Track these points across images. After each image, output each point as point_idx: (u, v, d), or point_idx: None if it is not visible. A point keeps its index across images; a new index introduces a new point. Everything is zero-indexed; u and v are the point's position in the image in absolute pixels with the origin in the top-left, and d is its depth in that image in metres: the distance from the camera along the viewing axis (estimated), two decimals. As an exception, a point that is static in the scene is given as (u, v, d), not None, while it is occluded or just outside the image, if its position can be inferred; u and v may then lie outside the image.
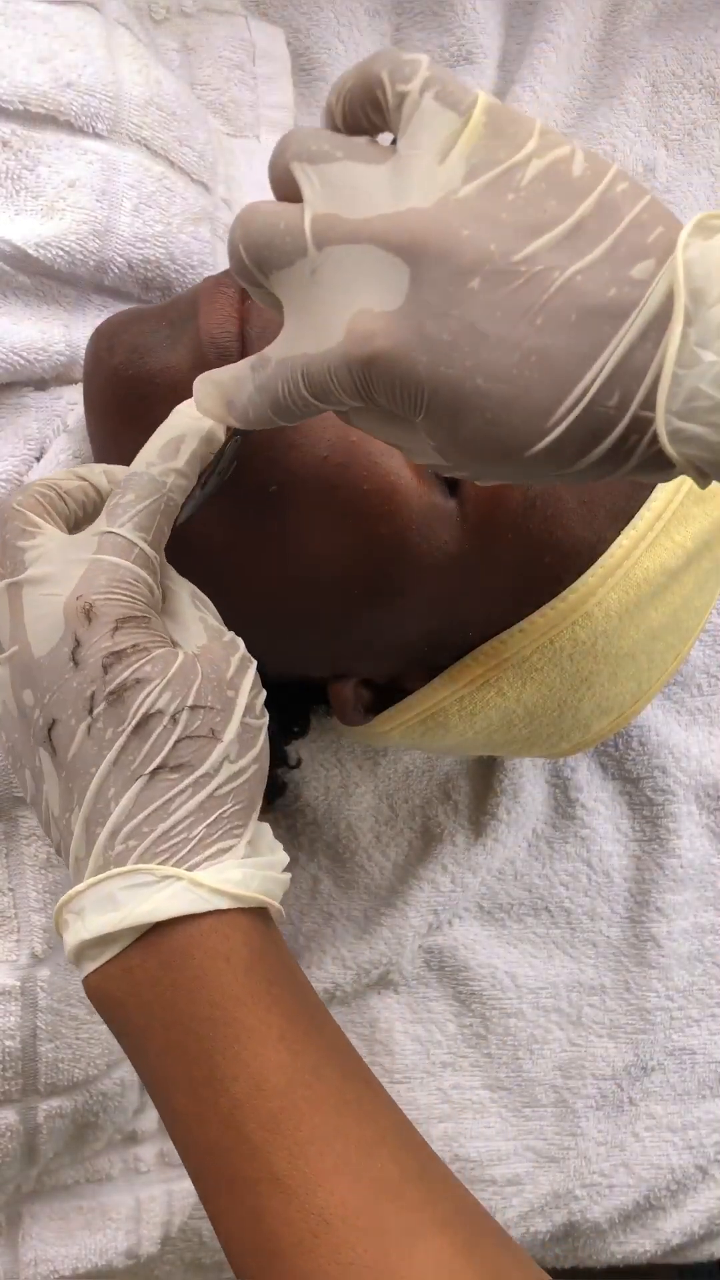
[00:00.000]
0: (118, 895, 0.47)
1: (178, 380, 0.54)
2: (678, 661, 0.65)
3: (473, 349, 0.40)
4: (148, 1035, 0.48)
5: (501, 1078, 0.80)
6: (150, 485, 0.50)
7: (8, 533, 0.50)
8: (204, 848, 0.48)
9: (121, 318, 0.59)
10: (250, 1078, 0.46)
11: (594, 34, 0.82)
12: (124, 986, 0.48)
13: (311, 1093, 0.47)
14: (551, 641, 0.58)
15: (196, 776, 0.48)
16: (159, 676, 0.47)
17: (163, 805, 0.47)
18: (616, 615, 0.58)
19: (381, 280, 0.41)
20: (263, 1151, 0.46)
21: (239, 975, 0.47)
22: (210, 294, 0.55)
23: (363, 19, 0.80)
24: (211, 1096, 0.46)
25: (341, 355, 0.41)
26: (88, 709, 0.47)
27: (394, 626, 0.58)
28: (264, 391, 0.45)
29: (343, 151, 0.43)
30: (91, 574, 0.48)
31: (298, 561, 0.55)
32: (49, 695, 0.48)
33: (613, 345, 0.39)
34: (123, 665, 0.47)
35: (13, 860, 0.62)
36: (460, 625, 0.58)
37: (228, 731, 0.48)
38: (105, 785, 0.47)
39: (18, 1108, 0.63)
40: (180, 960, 0.47)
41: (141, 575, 0.49)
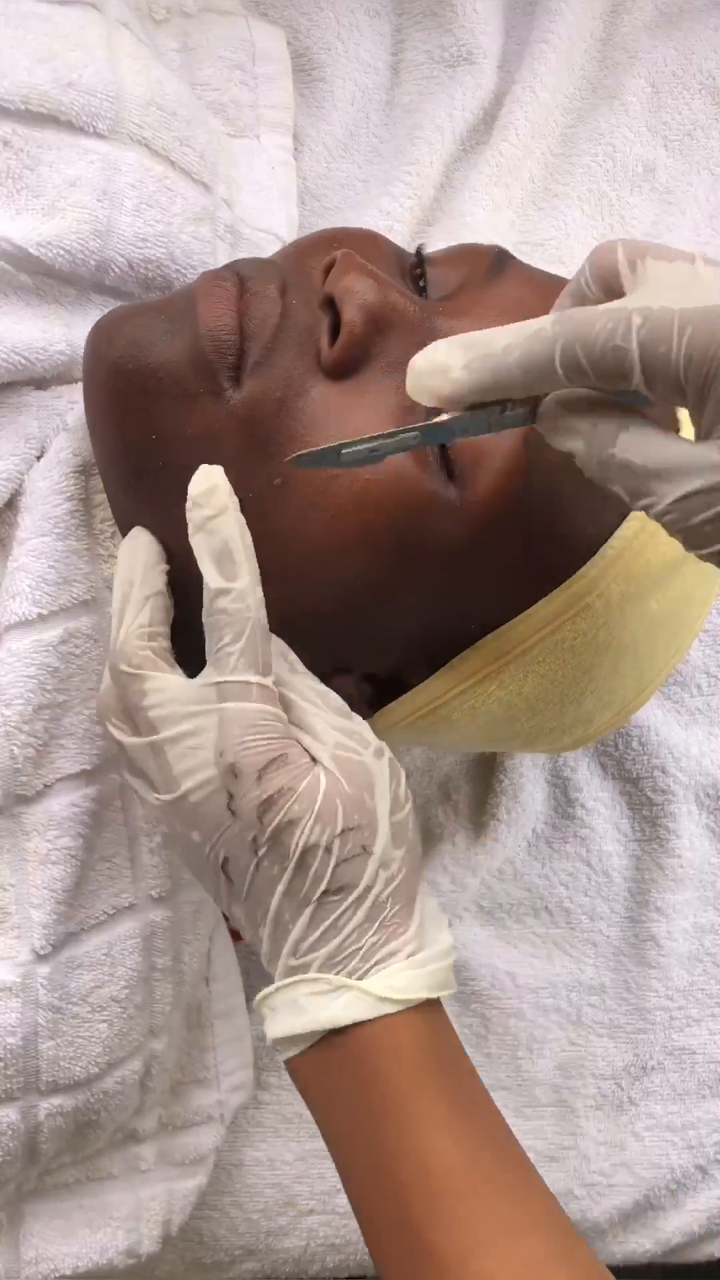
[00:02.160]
0: (301, 1000, 0.54)
1: (177, 375, 0.55)
2: (679, 655, 0.65)
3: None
4: (330, 1120, 0.55)
5: (501, 1077, 0.80)
6: (240, 621, 0.53)
7: (130, 696, 0.55)
8: (372, 954, 0.54)
9: (120, 312, 0.59)
10: (413, 1162, 0.52)
11: (594, 34, 0.82)
12: (313, 1075, 0.55)
13: (469, 1176, 0.52)
14: (553, 633, 0.58)
15: (358, 893, 0.54)
16: (308, 813, 0.53)
17: (332, 924, 0.54)
18: (618, 606, 0.58)
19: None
20: (422, 1228, 0.51)
21: (405, 1070, 0.53)
22: (208, 288, 0.56)
23: (363, 19, 0.81)
24: (381, 1176, 0.53)
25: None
26: (253, 851, 0.54)
27: (395, 618, 0.58)
28: (573, 322, 0.42)
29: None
30: (226, 728, 0.53)
31: (300, 554, 0.55)
32: (216, 836, 0.54)
33: None
34: (273, 812, 0.53)
35: (14, 856, 0.61)
36: (461, 617, 0.58)
37: (378, 844, 0.54)
38: (281, 910, 0.54)
39: (18, 1106, 0.63)
40: (357, 1058, 0.54)
41: (267, 710, 0.53)
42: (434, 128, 0.79)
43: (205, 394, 0.55)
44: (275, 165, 0.74)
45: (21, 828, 0.62)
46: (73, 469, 0.61)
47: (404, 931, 0.55)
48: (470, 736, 0.64)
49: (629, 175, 0.81)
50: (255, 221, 0.70)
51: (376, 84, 0.81)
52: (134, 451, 0.57)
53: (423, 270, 0.60)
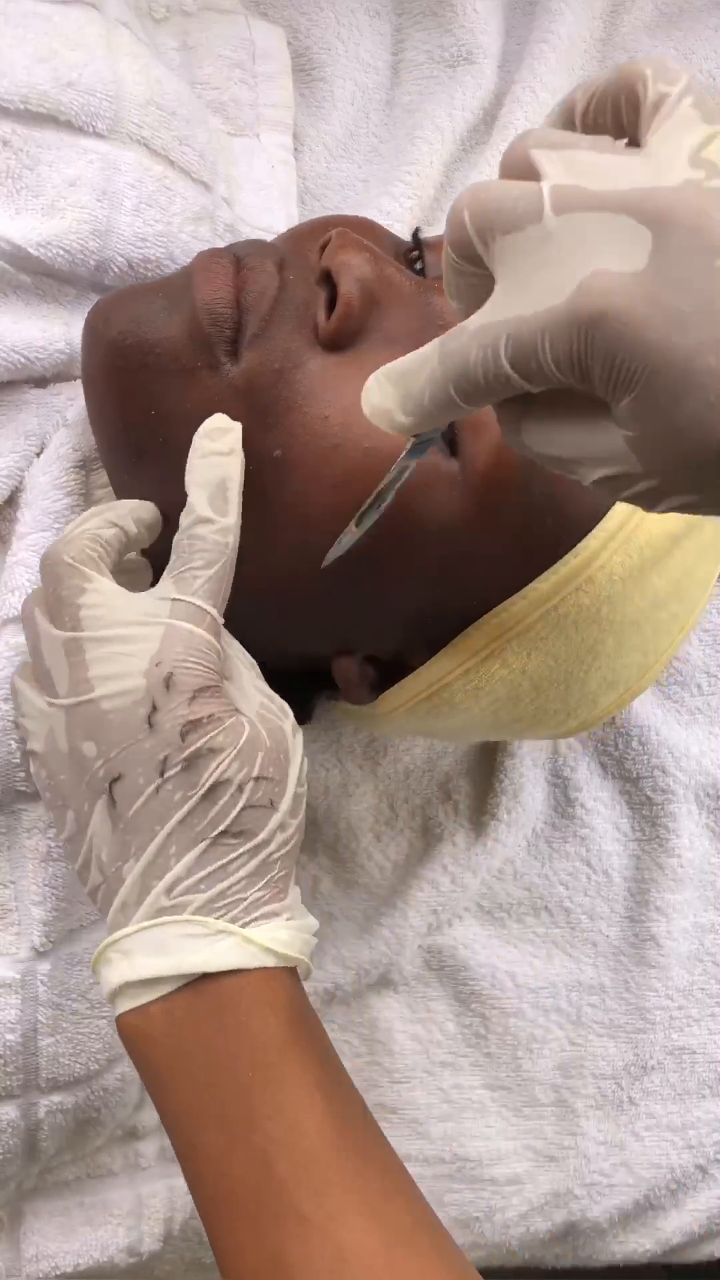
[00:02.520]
0: (170, 942, 0.51)
1: (175, 350, 0.55)
2: (683, 634, 0.64)
3: (710, 324, 0.38)
4: (181, 1073, 0.51)
5: (501, 1077, 0.80)
6: (215, 551, 0.53)
7: (64, 589, 0.53)
8: (256, 908, 0.52)
9: (117, 294, 0.59)
10: (286, 1118, 0.49)
11: (594, 34, 0.82)
12: (163, 1026, 0.51)
13: (342, 1138, 0.50)
14: (555, 608, 0.58)
15: (254, 843, 0.52)
16: (231, 747, 0.51)
17: (221, 867, 0.51)
18: (620, 580, 0.58)
19: (623, 245, 0.39)
20: (289, 1188, 0.48)
21: (282, 1023, 0.51)
22: (205, 265, 0.56)
23: (363, 19, 0.81)
24: (244, 1132, 0.49)
25: (568, 311, 0.39)
26: (159, 771, 0.51)
27: (397, 594, 0.58)
28: (452, 360, 0.42)
29: (586, 143, 0.41)
30: (169, 641, 0.51)
31: (302, 526, 0.55)
32: (116, 750, 0.51)
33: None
34: (198, 734, 0.51)
35: (14, 854, 0.62)
36: (462, 593, 0.58)
37: (284, 802, 0.52)
38: (168, 843, 0.51)
39: (18, 1103, 0.63)
40: (226, 1006, 0.51)
41: (213, 643, 0.52)
42: (434, 128, 0.79)
43: (203, 368, 0.55)
44: (275, 164, 0.74)
45: (21, 825, 0.62)
46: (72, 464, 0.62)
47: (284, 898, 0.53)
48: (474, 720, 0.63)
49: None
50: (255, 220, 0.70)
51: (376, 84, 0.81)
52: (134, 429, 0.57)
53: (420, 254, 0.61)
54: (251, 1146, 0.49)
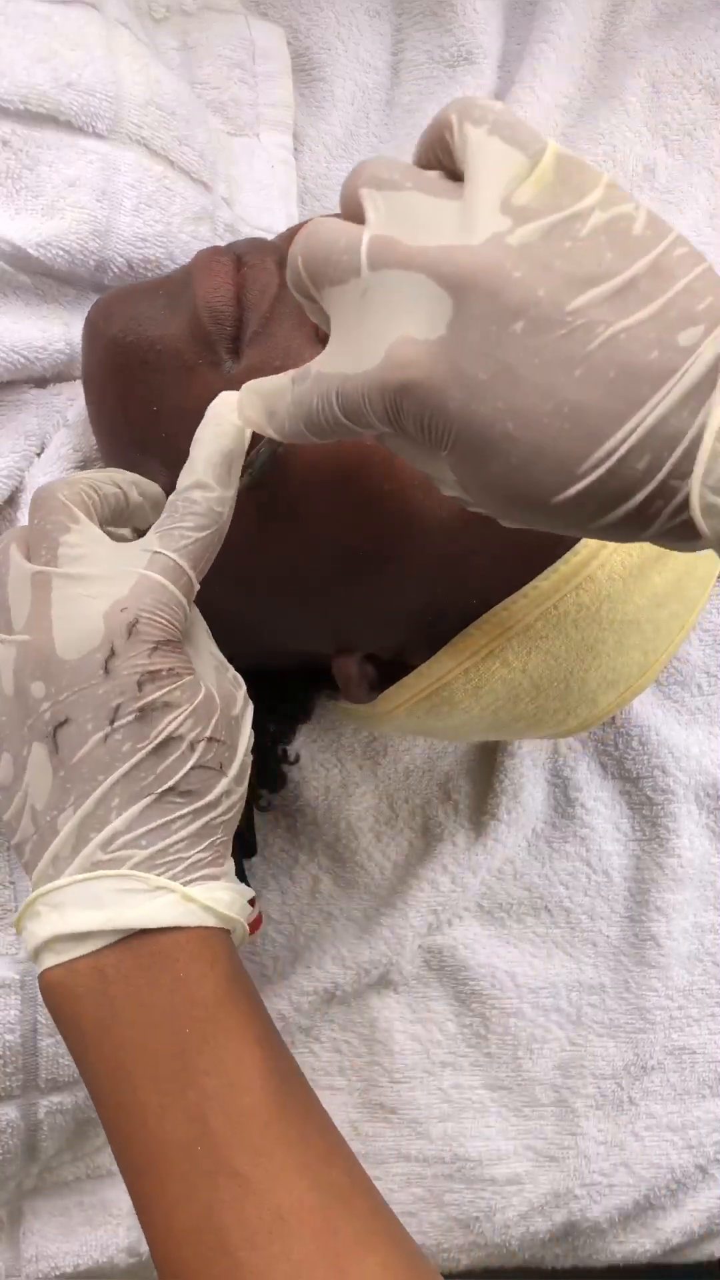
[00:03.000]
0: (105, 896, 0.48)
1: (176, 348, 0.55)
2: (683, 633, 0.64)
3: (507, 391, 0.39)
4: (109, 1030, 0.48)
5: (501, 1077, 0.80)
6: (208, 516, 0.51)
7: (48, 523, 0.51)
8: (196, 869, 0.50)
9: (118, 292, 0.59)
10: (226, 1073, 0.47)
11: (594, 34, 0.82)
12: (90, 982, 0.49)
13: (280, 1097, 0.48)
14: (555, 607, 0.58)
15: (200, 805, 0.50)
16: (187, 704, 0.49)
17: (165, 824, 0.49)
18: (620, 579, 0.58)
19: (426, 309, 0.40)
20: (225, 1145, 0.46)
21: (221, 980, 0.49)
22: (206, 263, 0.56)
23: (363, 19, 0.81)
24: (178, 1089, 0.47)
25: (377, 379, 0.41)
26: (109, 719, 0.49)
27: (397, 593, 0.58)
28: (299, 405, 0.45)
29: (412, 183, 0.43)
30: (140, 589, 0.49)
31: (300, 523, 0.55)
32: (66, 694, 0.49)
33: (647, 408, 0.38)
34: (155, 685, 0.49)
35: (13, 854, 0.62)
36: (463, 592, 0.58)
37: (233, 767, 0.51)
38: (110, 794, 0.49)
39: (18, 1104, 0.63)
40: (162, 963, 0.48)
41: (183, 603, 0.51)
42: (434, 128, 0.79)
43: (204, 365, 0.55)
44: (275, 164, 0.74)
45: (21, 825, 0.62)
46: (73, 464, 0.62)
47: (223, 864, 0.51)
48: (474, 719, 0.63)
49: (629, 175, 0.81)
50: (255, 220, 0.70)
51: (376, 84, 0.81)
52: (135, 426, 0.57)
53: None
54: (187, 1103, 0.47)
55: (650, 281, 0.39)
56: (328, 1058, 0.78)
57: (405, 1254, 0.47)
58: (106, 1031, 0.48)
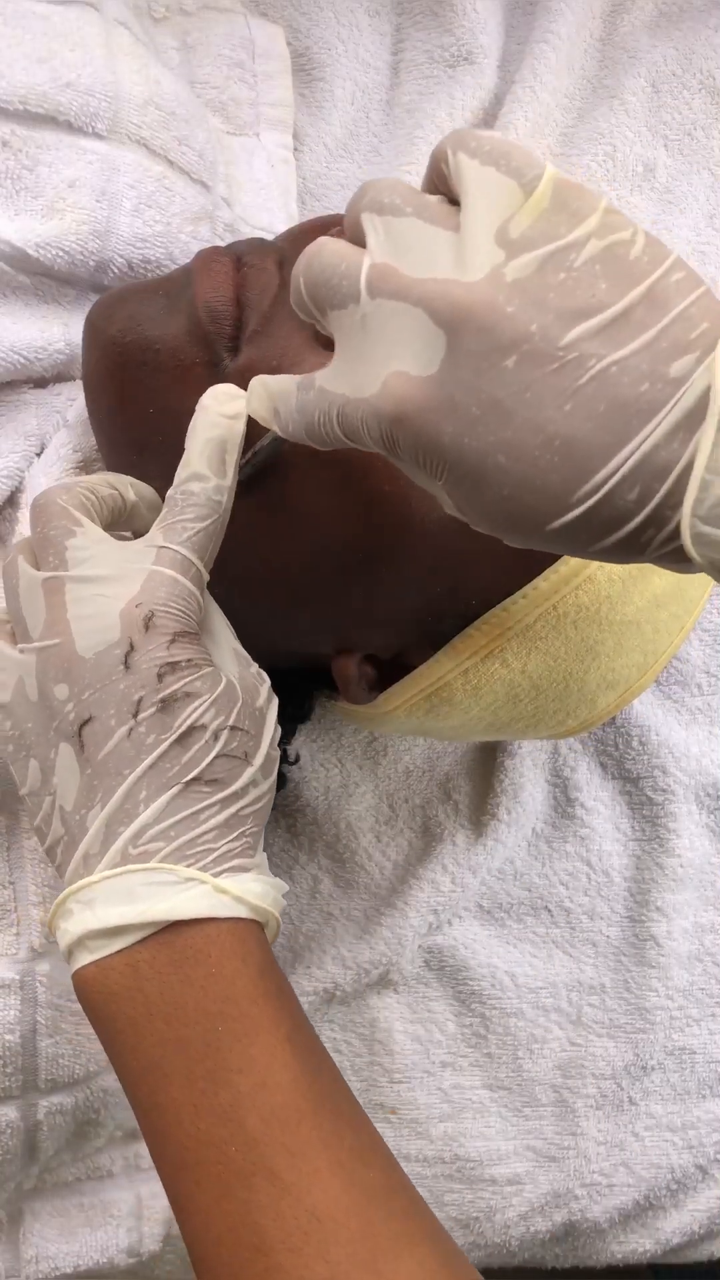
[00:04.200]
0: (137, 890, 0.48)
1: (175, 347, 0.55)
2: (682, 634, 0.64)
3: (498, 425, 0.40)
4: (144, 1027, 0.48)
5: (501, 1077, 0.80)
6: (208, 506, 0.52)
7: (51, 529, 0.52)
8: (226, 860, 0.50)
9: (117, 291, 0.59)
10: (258, 1072, 0.47)
11: (594, 34, 0.82)
12: (124, 979, 0.49)
13: (314, 1095, 0.48)
14: (555, 607, 0.58)
15: (227, 794, 0.50)
16: (207, 693, 0.50)
17: (193, 814, 0.49)
18: (619, 580, 0.58)
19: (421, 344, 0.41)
20: (260, 1145, 0.46)
21: (253, 975, 0.49)
22: (205, 263, 0.56)
23: (363, 19, 0.81)
24: (212, 1088, 0.47)
25: (374, 409, 0.42)
26: (133, 713, 0.49)
27: (396, 593, 0.58)
28: (302, 414, 0.46)
29: (412, 208, 0.43)
30: (152, 584, 0.50)
31: (300, 523, 0.56)
32: (89, 693, 0.50)
33: (636, 441, 0.39)
34: (175, 677, 0.49)
35: (13, 854, 0.62)
36: (462, 592, 0.58)
37: (258, 757, 0.51)
38: (137, 787, 0.49)
39: (18, 1104, 0.63)
40: (194, 958, 0.48)
41: (195, 594, 0.51)
42: (434, 128, 0.79)
43: (203, 365, 0.55)
44: (275, 163, 0.74)
45: (21, 825, 0.62)
46: (73, 464, 0.62)
47: (253, 854, 0.51)
48: (473, 720, 0.63)
49: (629, 175, 0.81)
50: (255, 220, 0.70)
51: (376, 84, 0.81)
52: (134, 426, 0.57)
53: None
54: (220, 1103, 0.47)
55: (644, 311, 0.39)
56: (328, 1058, 0.78)
57: (442, 1253, 0.47)
58: (140, 1030, 0.48)
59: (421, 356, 0.41)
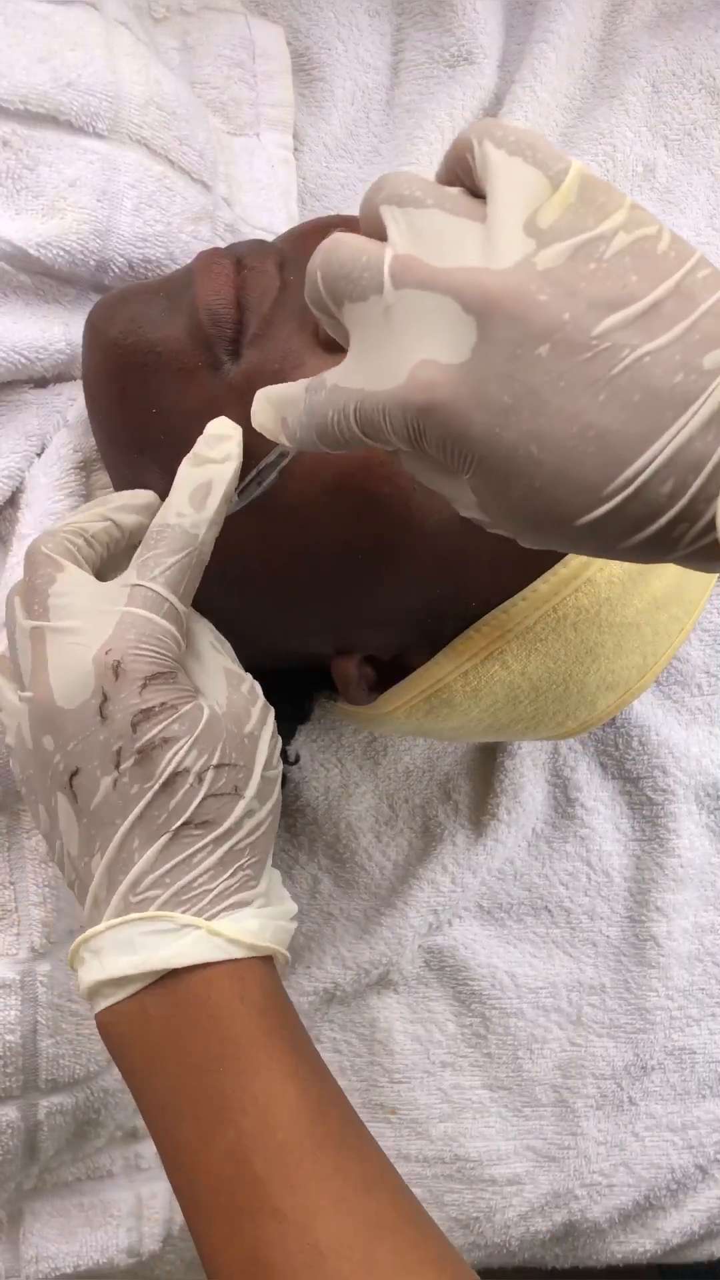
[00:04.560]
0: (137, 940, 0.50)
1: (176, 350, 0.55)
2: (682, 636, 0.64)
3: (531, 415, 0.39)
4: (156, 1070, 0.50)
5: (501, 1077, 0.80)
6: (183, 539, 0.52)
7: (37, 577, 0.52)
8: (223, 899, 0.51)
9: (118, 293, 0.59)
10: (258, 1111, 0.48)
11: (594, 34, 0.82)
12: (136, 1024, 0.50)
13: (316, 1130, 0.48)
14: (555, 609, 0.58)
15: (219, 833, 0.51)
16: (186, 735, 0.50)
17: (185, 859, 0.50)
18: (620, 582, 0.58)
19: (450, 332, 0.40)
20: (264, 1183, 0.47)
21: (253, 1016, 0.50)
22: (206, 265, 0.56)
23: (363, 19, 0.81)
24: (218, 1128, 0.48)
25: (400, 399, 0.41)
26: (114, 764, 0.50)
27: (396, 594, 0.58)
28: (313, 414, 0.45)
29: (433, 200, 0.43)
30: (122, 629, 0.50)
31: (299, 524, 0.55)
32: (73, 744, 0.50)
33: (672, 432, 0.38)
34: (151, 723, 0.50)
35: (14, 854, 0.62)
36: (462, 594, 0.58)
37: (249, 788, 0.51)
38: (130, 837, 0.50)
39: (18, 1104, 0.63)
40: (195, 1002, 0.50)
41: (170, 630, 0.51)
42: (434, 128, 0.79)
43: (203, 367, 0.55)
44: (275, 163, 0.74)
45: (22, 825, 0.62)
46: (73, 465, 0.62)
47: (255, 885, 0.52)
48: (473, 721, 0.63)
49: (629, 175, 0.81)
50: (255, 220, 0.70)
51: (376, 84, 0.81)
52: (134, 428, 0.57)
53: None
54: (226, 1142, 0.48)
55: (675, 304, 0.39)
56: (328, 1058, 0.78)
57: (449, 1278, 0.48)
58: (152, 1071, 0.50)
59: (451, 345, 0.40)
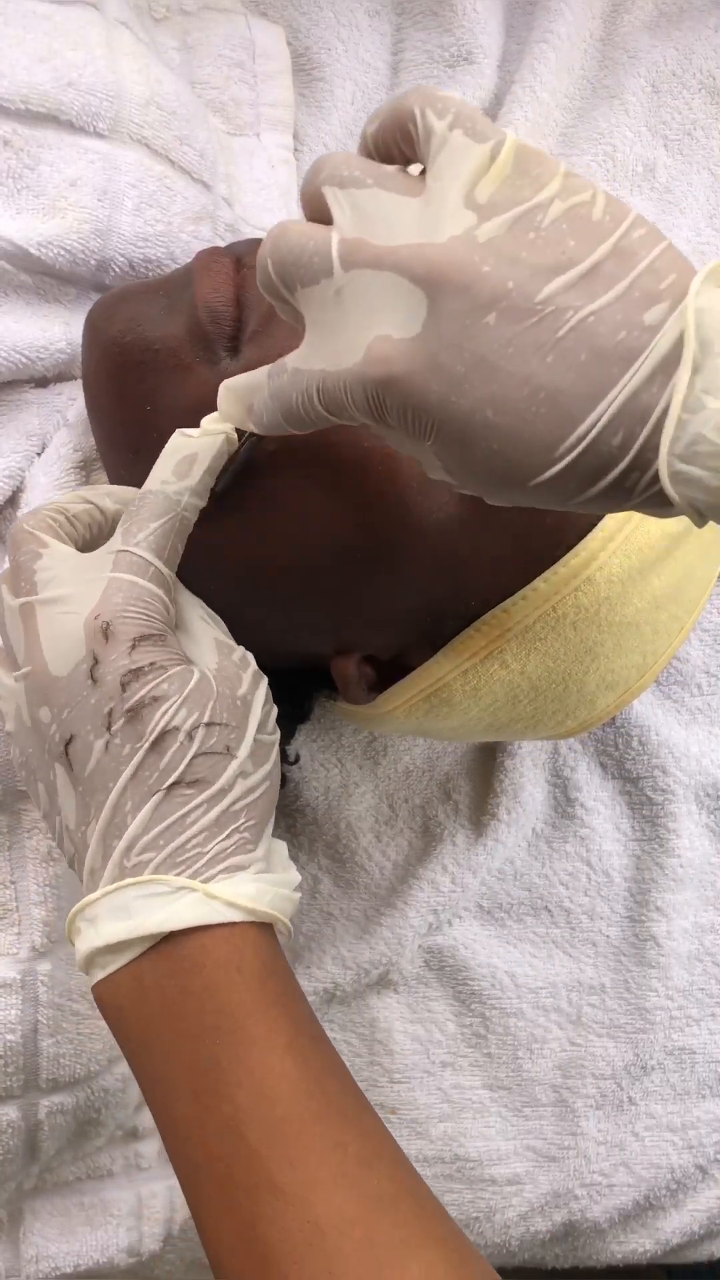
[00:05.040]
0: (132, 904, 0.49)
1: (175, 348, 0.55)
2: (682, 635, 0.65)
3: (484, 381, 0.41)
4: (152, 1042, 0.49)
5: (501, 1077, 0.80)
6: (165, 504, 0.52)
7: (21, 555, 0.52)
8: (219, 861, 0.50)
9: (118, 291, 0.59)
10: (255, 1085, 0.47)
11: (594, 34, 0.82)
12: (132, 994, 0.49)
13: (314, 1103, 0.48)
14: (554, 609, 0.58)
15: (212, 792, 0.50)
16: (176, 694, 0.49)
17: (179, 819, 0.49)
18: (619, 581, 0.58)
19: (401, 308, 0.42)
20: (261, 1158, 0.46)
21: (249, 985, 0.49)
22: (205, 264, 0.56)
23: (363, 19, 0.81)
24: (214, 1102, 0.47)
25: (359, 375, 0.43)
26: (106, 725, 0.49)
27: (395, 594, 0.58)
28: (277, 398, 0.47)
29: (373, 179, 0.44)
30: (109, 593, 0.50)
31: (297, 524, 0.56)
32: (66, 712, 0.50)
33: (619, 387, 0.40)
34: (140, 683, 0.49)
35: (15, 853, 0.62)
36: (462, 593, 0.58)
37: (242, 748, 0.51)
38: (123, 799, 0.49)
39: (19, 1104, 0.63)
40: (191, 969, 0.48)
41: (157, 593, 0.51)
42: (434, 128, 0.79)
43: (201, 364, 0.55)
44: (276, 163, 0.74)
45: (23, 825, 0.62)
46: (74, 464, 0.62)
47: (252, 849, 0.51)
48: (472, 720, 0.63)
49: (629, 175, 0.82)
50: (256, 220, 0.70)
51: (376, 84, 0.81)
52: (132, 426, 0.57)
53: None
54: (222, 1116, 0.47)
55: (614, 264, 0.40)
56: (328, 1058, 0.78)
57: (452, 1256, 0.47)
58: (149, 1043, 0.49)
59: (403, 320, 0.42)
